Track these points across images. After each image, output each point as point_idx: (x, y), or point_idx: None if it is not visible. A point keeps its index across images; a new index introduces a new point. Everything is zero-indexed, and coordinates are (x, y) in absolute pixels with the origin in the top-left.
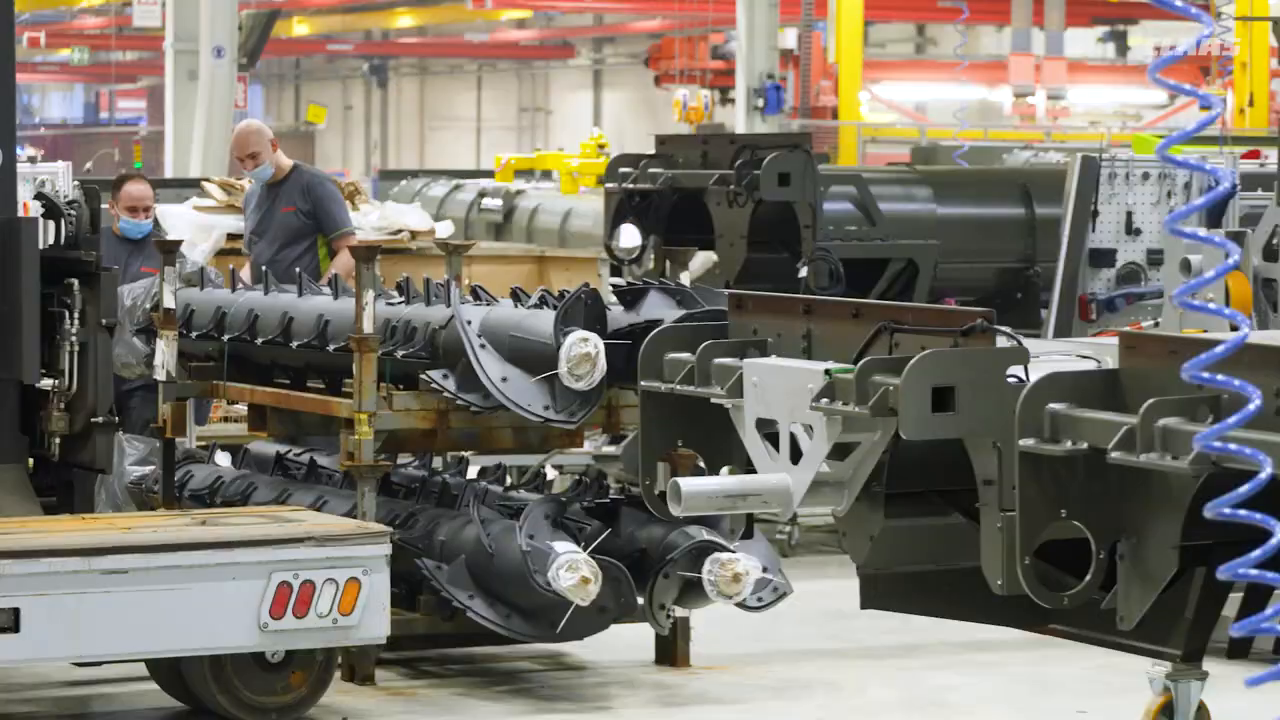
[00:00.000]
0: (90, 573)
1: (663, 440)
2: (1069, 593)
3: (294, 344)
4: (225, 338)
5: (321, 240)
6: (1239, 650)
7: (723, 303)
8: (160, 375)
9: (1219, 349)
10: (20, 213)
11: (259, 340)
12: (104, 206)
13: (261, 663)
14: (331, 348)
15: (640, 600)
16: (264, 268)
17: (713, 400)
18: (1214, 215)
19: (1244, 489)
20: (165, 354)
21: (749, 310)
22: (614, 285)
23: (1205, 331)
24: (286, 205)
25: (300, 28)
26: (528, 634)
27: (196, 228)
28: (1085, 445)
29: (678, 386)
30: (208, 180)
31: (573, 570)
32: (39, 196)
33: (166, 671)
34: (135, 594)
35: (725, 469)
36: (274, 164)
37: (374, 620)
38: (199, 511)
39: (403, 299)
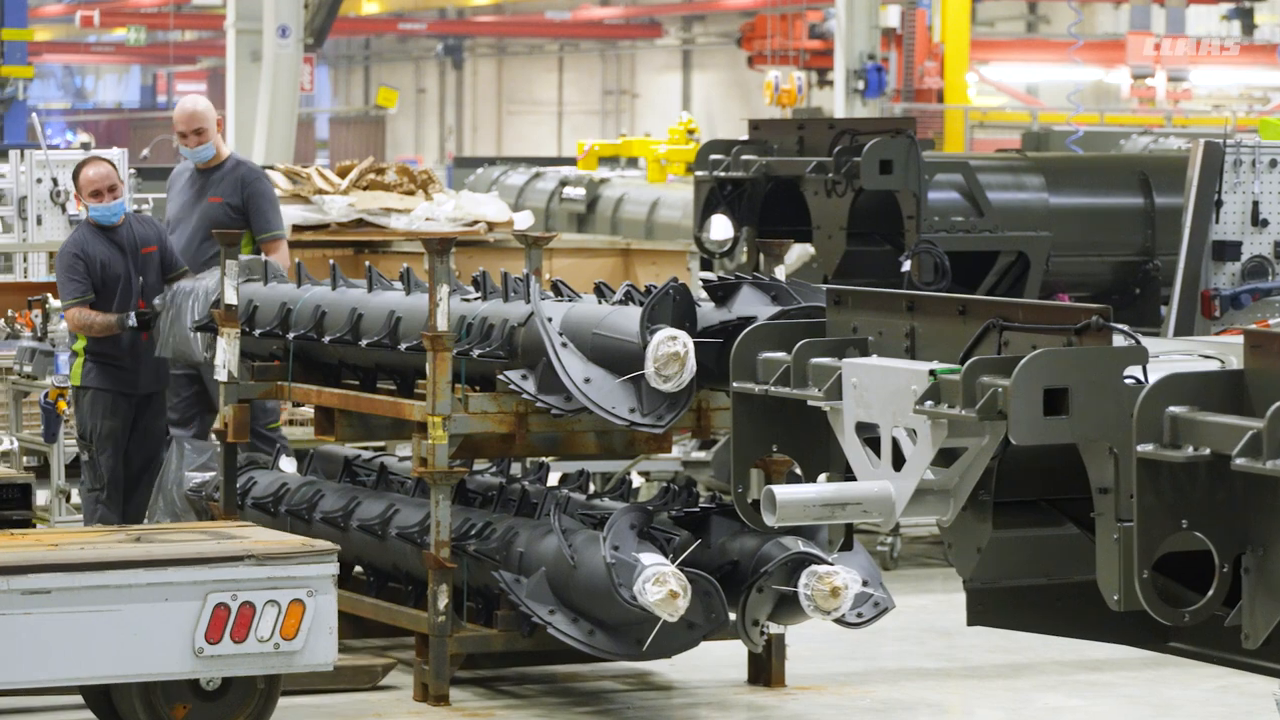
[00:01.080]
0: (9, 593)
1: (756, 445)
2: (1190, 609)
3: (363, 342)
4: (290, 335)
5: (248, 240)
6: None
7: (820, 298)
8: (221, 375)
9: None
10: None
11: (326, 338)
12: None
13: (197, 691)
14: (403, 346)
15: (732, 616)
16: None
17: (809, 403)
18: None
19: None
20: (226, 353)
21: (848, 306)
22: (704, 280)
23: None
24: (215, 196)
25: (370, 5)
26: (612, 652)
27: None
28: (1208, 451)
29: (772, 388)
30: (272, 168)
31: (660, 584)
32: None
33: (99, 699)
34: (58, 616)
35: (823, 476)
36: (215, 146)
37: (320, 645)
38: (134, 528)
39: (479, 294)
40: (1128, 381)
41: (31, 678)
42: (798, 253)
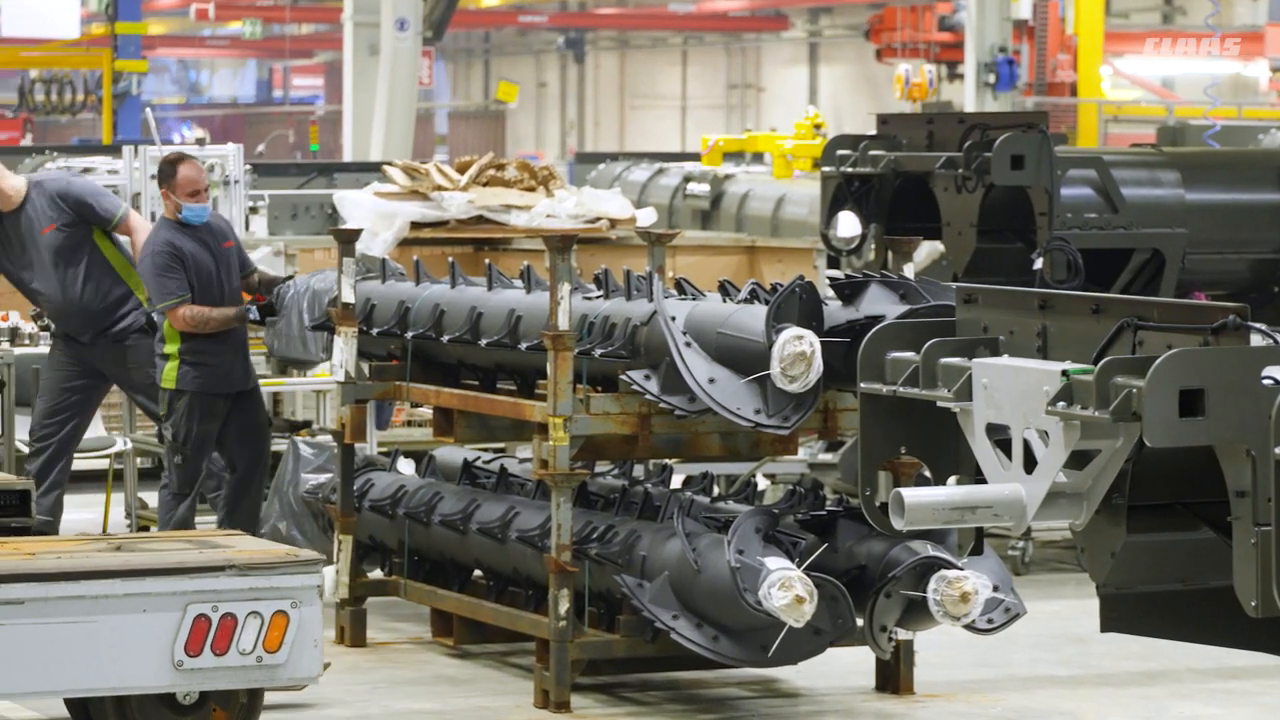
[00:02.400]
0: None
1: (884, 447)
2: None
3: (483, 342)
4: (409, 335)
5: (99, 236)
6: None
7: (950, 297)
8: (339, 375)
9: None
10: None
11: (445, 338)
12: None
13: (172, 704)
14: (524, 346)
15: (859, 621)
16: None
17: (939, 403)
18: None
19: None
20: (344, 352)
21: (979, 305)
22: (831, 278)
23: None
24: (44, 226)
25: None
26: (737, 657)
27: (378, 215)
28: None
29: (900, 388)
30: (390, 164)
31: (786, 588)
32: None
33: (79, 711)
34: (32, 627)
35: (952, 479)
36: (3, 195)
37: (304, 659)
38: (116, 536)
39: (601, 293)
40: (1265, 382)
41: (3, 690)
42: (927, 250)
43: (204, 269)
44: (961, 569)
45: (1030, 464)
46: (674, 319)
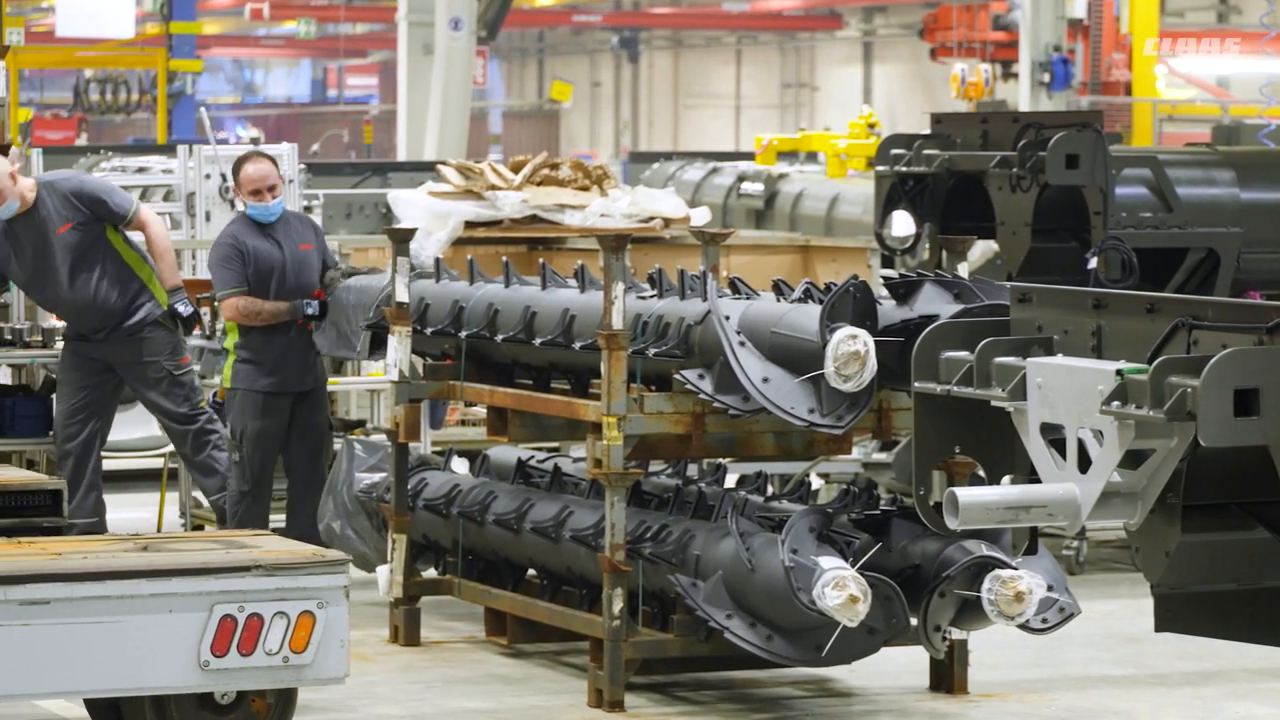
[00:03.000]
0: (6, 603)
1: (938, 446)
2: None
3: (537, 341)
4: (463, 334)
5: (110, 231)
6: None
7: (1004, 296)
8: (393, 375)
9: None
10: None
11: (499, 337)
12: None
13: (210, 705)
14: (578, 345)
15: (913, 621)
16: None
17: (993, 403)
18: None
19: None
20: (398, 351)
21: (1033, 304)
22: (885, 277)
23: None
24: (60, 226)
25: None
26: (790, 657)
27: (432, 215)
28: None
29: (955, 388)
30: (444, 163)
31: (840, 588)
32: None
33: (105, 712)
34: (58, 627)
35: (1006, 478)
36: (18, 196)
37: (331, 659)
38: (144, 536)
39: (655, 292)
40: None
41: (30, 690)
42: (981, 249)
43: (269, 266)
44: (1016, 569)
45: (1085, 464)
46: (728, 318)
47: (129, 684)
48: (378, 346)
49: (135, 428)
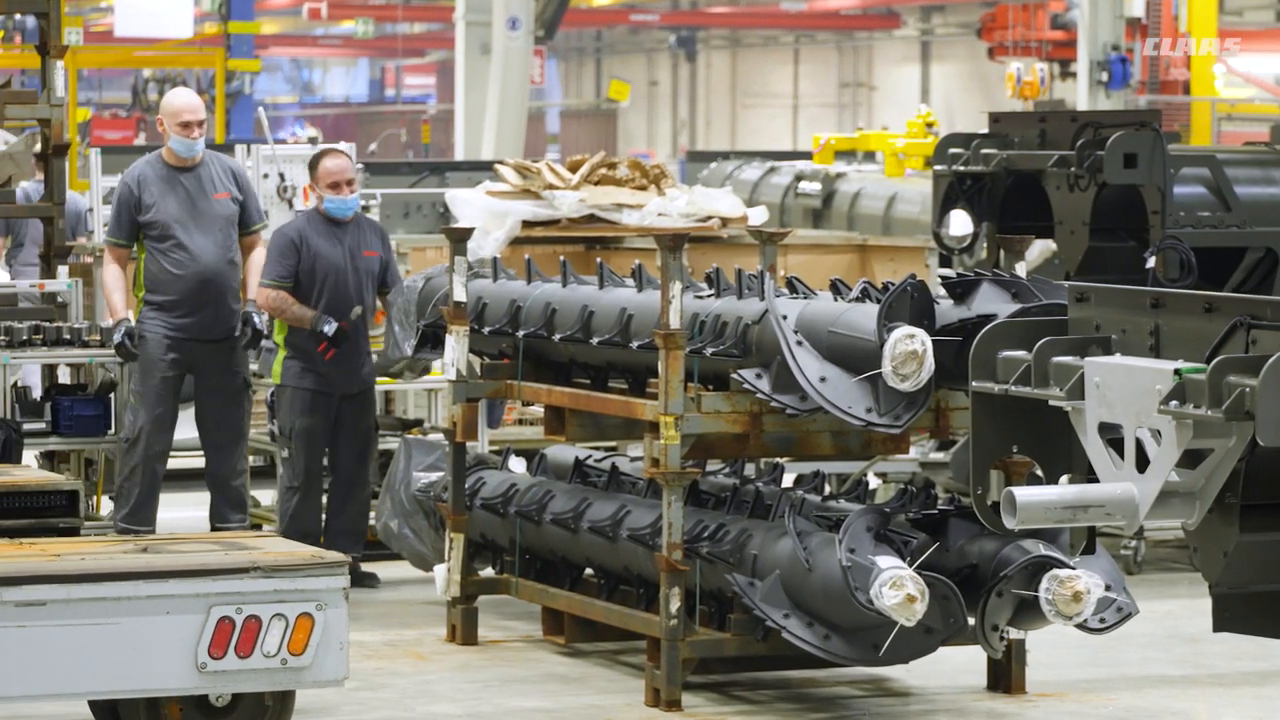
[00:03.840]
0: (4, 605)
1: (996, 446)
2: None
3: (594, 340)
4: (520, 333)
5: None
6: None
7: (1062, 295)
8: (450, 374)
9: None
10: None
11: (557, 336)
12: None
13: (205, 707)
14: (635, 344)
15: (971, 620)
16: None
17: (1051, 402)
18: None
19: None
20: (455, 350)
21: (1091, 304)
22: (943, 277)
23: None
24: (220, 191)
25: None
26: (848, 656)
27: (489, 214)
28: None
29: (1012, 387)
30: (501, 163)
31: (897, 587)
32: None
33: (107, 714)
34: (54, 629)
35: (1064, 478)
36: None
37: (330, 661)
38: (143, 538)
39: (712, 292)
40: None
41: (26, 691)
42: (1039, 248)
43: (325, 265)
44: (1074, 568)
45: (1142, 463)
46: (785, 317)
47: (126, 686)
48: (428, 345)
49: (192, 427)
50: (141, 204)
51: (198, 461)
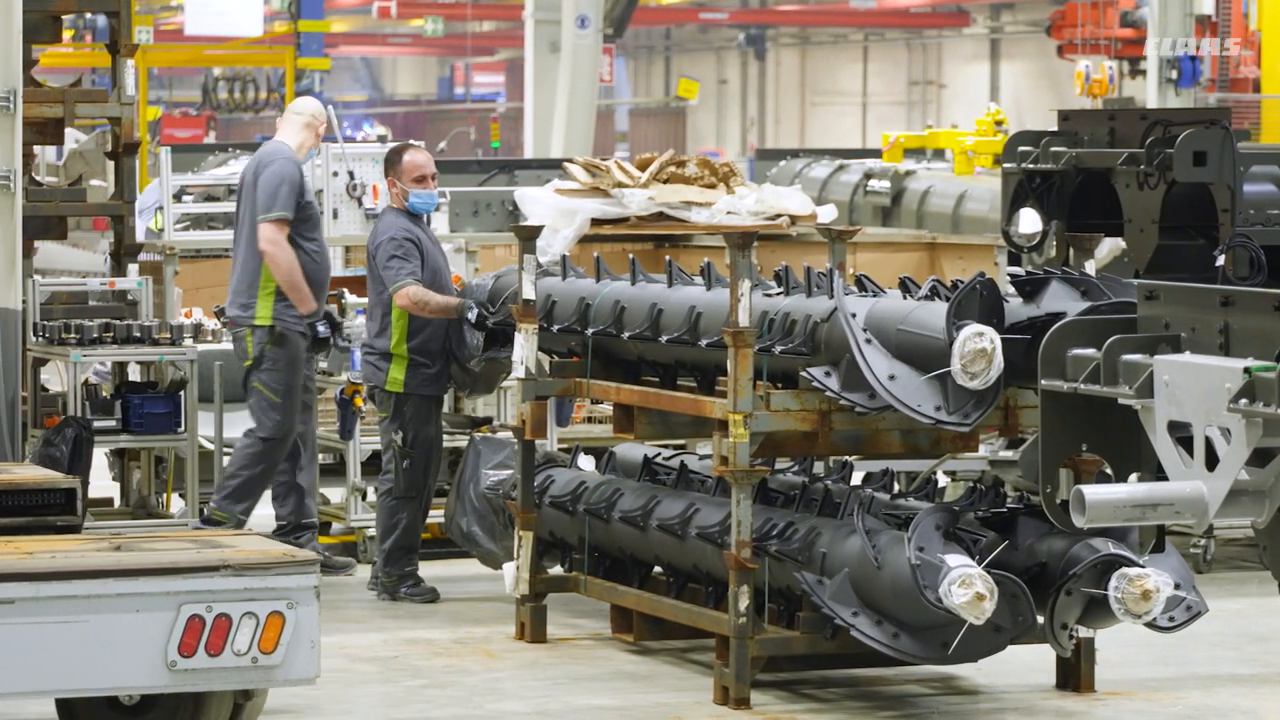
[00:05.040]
0: None
1: (1065, 444)
2: None
3: (663, 338)
4: (589, 331)
5: None
6: None
7: (1132, 294)
8: (519, 372)
9: None
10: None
11: (625, 334)
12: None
13: (117, 707)
14: (704, 343)
15: (1040, 619)
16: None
17: (1120, 401)
18: None
19: None
20: (525, 348)
21: (1161, 302)
22: (1012, 275)
23: None
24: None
25: None
26: (916, 654)
27: (558, 212)
28: None
29: (1082, 385)
30: (570, 161)
31: (966, 585)
32: None
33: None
34: (23, 627)
35: (1133, 476)
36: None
37: (301, 659)
38: (116, 535)
39: (781, 290)
40: None
41: None
42: (1108, 247)
43: (435, 261)
44: (1143, 567)
45: (1212, 461)
46: (854, 316)
47: (95, 684)
48: (496, 343)
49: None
50: (305, 189)
51: None
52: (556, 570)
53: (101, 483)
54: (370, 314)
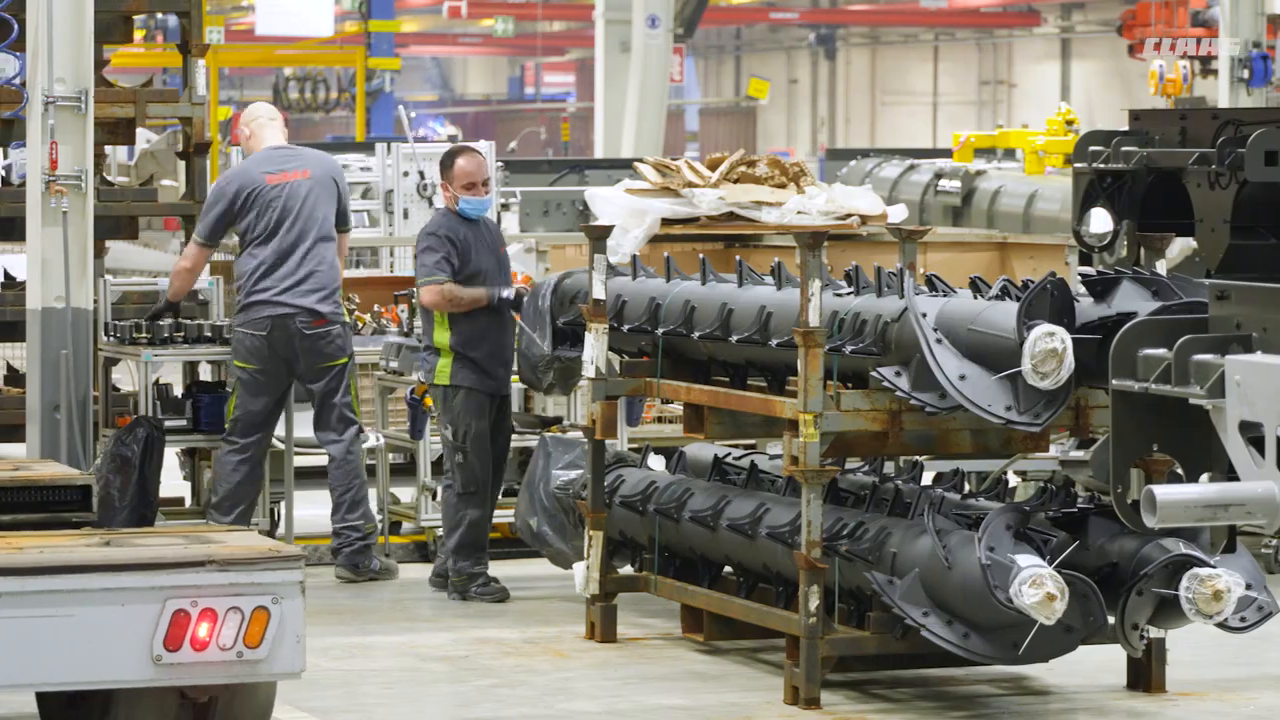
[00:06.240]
0: None
1: (1136, 444)
2: None
3: (734, 338)
4: (659, 331)
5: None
6: None
7: (1203, 294)
8: (589, 371)
9: None
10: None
11: (696, 334)
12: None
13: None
14: (774, 342)
15: (1111, 619)
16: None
17: (1191, 401)
18: None
19: None
20: (595, 348)
21: (1232, 302)
22: (1083, 275)
23: None
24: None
25: None
26: (987, 655)
27: (629, 212)
28: None
29: (1153, 385)
30: (641, 161)
31: (1037, 586)
32: None
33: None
34: (9, 621)
35: (1204, 476)
36: None
37: (286, 653)
38: (106, 531)
39: (852, 289)
40: None
41: None
42: (1179, 246)
43: (478, 265)
44: (1214, 567)
45: None
46: (925, 315)
47: (80, 678)
48: (567, 343)
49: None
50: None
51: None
52: (626, 570)
53: (172, 482)
54: (422, 314)
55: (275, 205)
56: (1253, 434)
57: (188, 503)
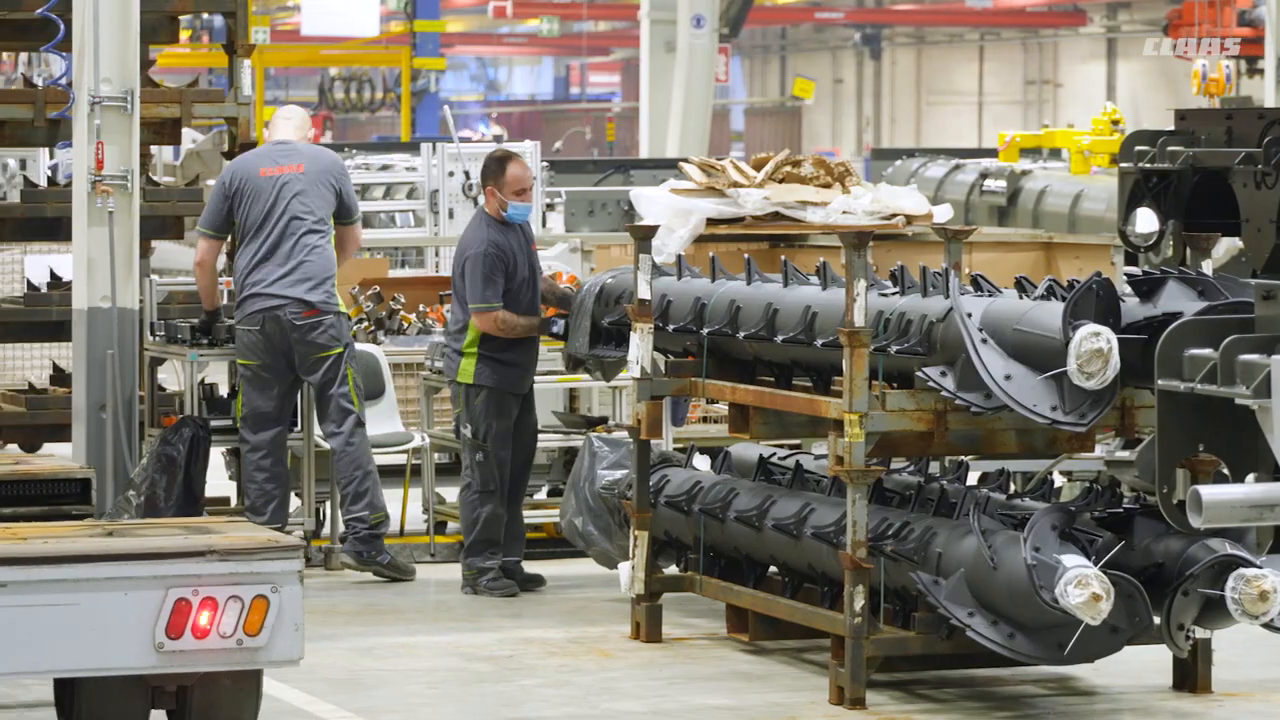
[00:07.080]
0: None
1: (1182, 444)
2: None
3: (779, 338)
4: (704, 331)
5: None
6: None
7: (1249, 293)
8: (635, 371)
9: None
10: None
11: (741, 334)
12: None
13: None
14: (819, 342)
15: (1156, 619)
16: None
17: (1237, 401)
18: None
19: None
20: (640, 348)
21: (1278, 301)
22: (1129, 274)
23: None
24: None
25: None
26: (1032, 655)
27: (674, 212)
28: None
29: (1198, 385)
30: (686, 160)
31: (1083, 586)
32: None
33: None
34: (13, 610)
35: (1251, 476)
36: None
37: (285, 641)
38: (109, 523)
39: (897, 289)
40: None
41: None
42: (1225, 246)
43: (521, 269)
44: (1260, 567)
45: None
46: (970, 315)
47: (85, 665)
48: (613, 342)
49: (378, 424)
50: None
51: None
52: (672, 570)
53: (218, 481)
54: (453, 311)
55: (265, 196)
56: None
57: (233, 502)
